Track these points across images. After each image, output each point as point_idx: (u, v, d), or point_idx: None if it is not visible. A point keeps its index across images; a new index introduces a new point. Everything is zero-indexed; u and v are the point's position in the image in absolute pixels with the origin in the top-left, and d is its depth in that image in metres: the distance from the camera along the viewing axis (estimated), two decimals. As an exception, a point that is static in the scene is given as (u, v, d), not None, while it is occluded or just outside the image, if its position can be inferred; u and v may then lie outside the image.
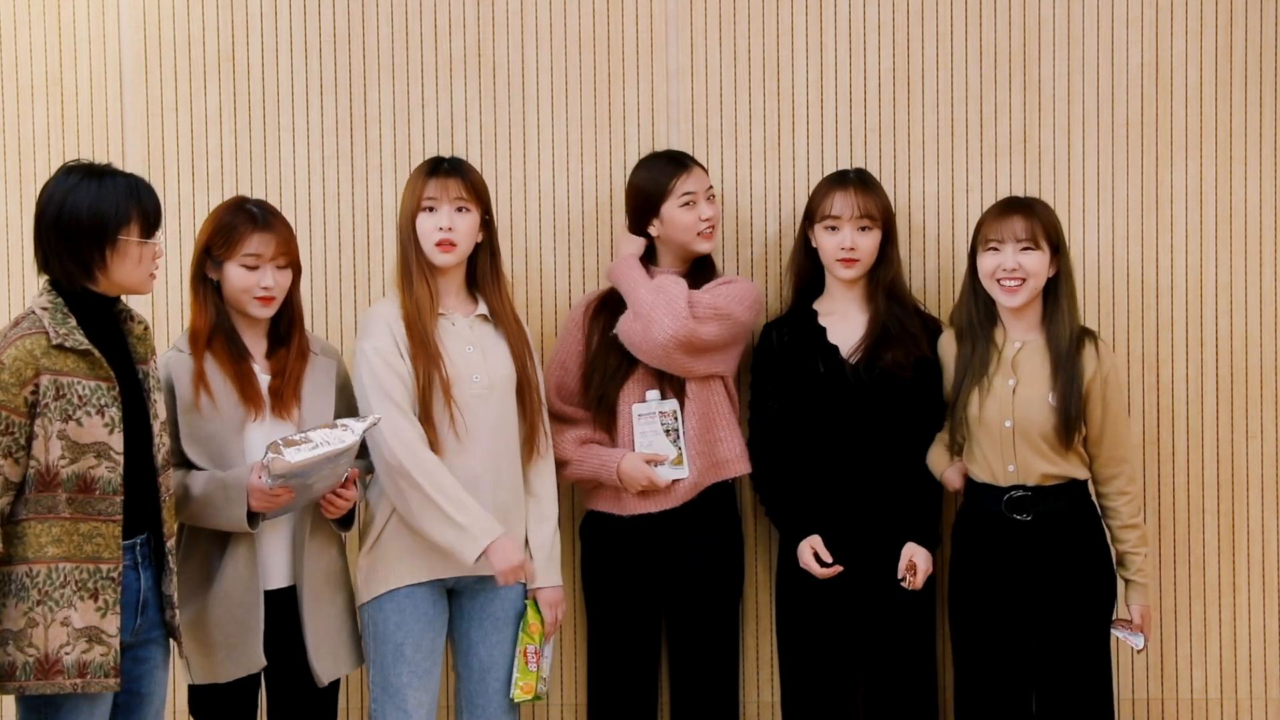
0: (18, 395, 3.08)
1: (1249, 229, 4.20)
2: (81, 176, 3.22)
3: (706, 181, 3.98)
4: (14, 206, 4.20)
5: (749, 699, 4.26)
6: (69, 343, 3.12)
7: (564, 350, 4.02)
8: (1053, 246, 3.78)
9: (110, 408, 3.15)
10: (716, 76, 4.21)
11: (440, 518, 3.57)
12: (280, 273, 3.58)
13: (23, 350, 3.10)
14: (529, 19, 4.20)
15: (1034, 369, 3.78)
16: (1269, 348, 4.21)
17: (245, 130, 4.20)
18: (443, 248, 3.71)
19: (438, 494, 3.57)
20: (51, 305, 3.18)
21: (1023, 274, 3.76)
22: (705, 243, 3.97)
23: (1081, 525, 3.79)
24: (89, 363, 3.15)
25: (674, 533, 3.91)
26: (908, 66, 4.20)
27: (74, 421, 3.11)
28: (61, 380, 3.11)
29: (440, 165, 3.76)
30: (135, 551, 3.24)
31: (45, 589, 3.09)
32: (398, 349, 3.65)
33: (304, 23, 4.20)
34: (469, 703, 3.78)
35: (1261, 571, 4.24)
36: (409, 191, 3.76)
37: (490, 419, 3.70)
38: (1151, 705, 4.26)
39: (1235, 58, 4.19)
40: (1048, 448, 3.75)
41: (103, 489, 3.14)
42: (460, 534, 3.57)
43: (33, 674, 3.09)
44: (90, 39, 4.19)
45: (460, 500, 3.58)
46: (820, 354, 3.94)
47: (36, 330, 3.13)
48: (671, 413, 3.89)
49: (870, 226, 3.92)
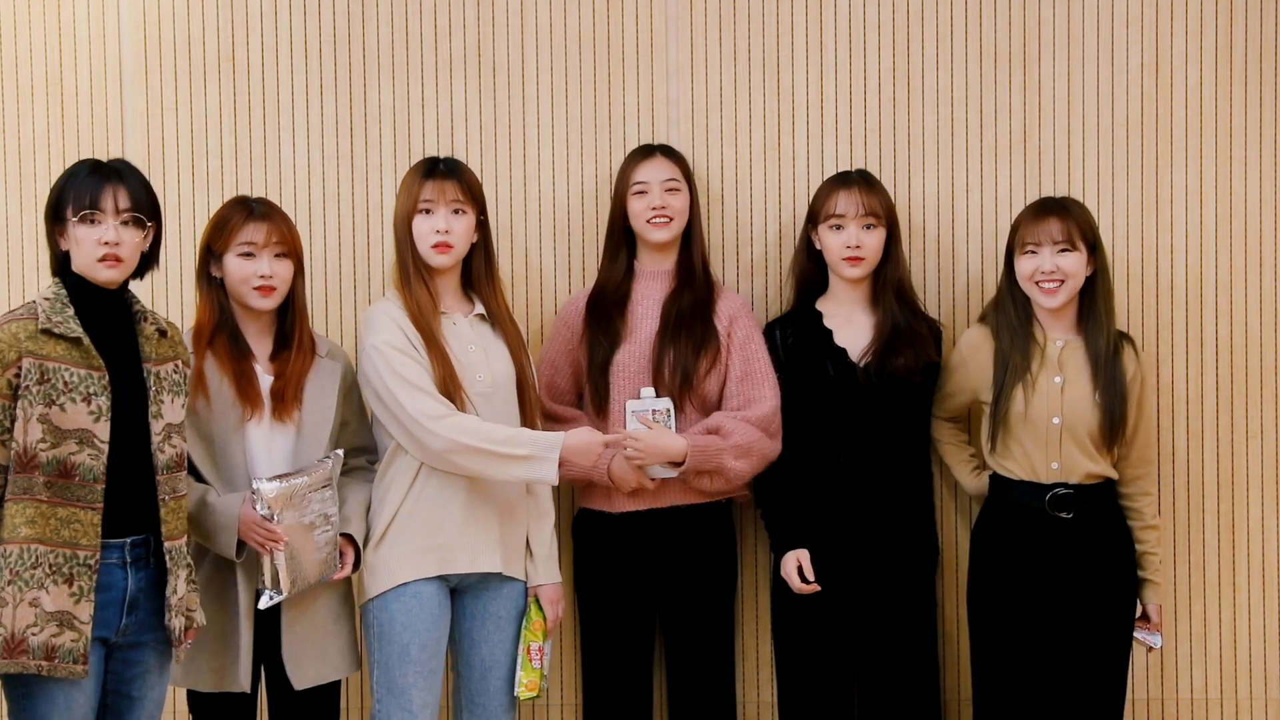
0: (0, 378, 3.10)
1: (1249, 229, 4.20)
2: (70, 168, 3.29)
3: (667, 172, 3.96)
4: (14, 206, 4.20)
5: (748, 699, 4.25)
6: (59, 329, 3.14)
7: (554, 350, 4.02)
8: (1089, 246, 3.80)
9: (99, 396, 3.16)
10: (716, 76, 4.21)
11: (504, 462, 3.58)
12: (278, 261, 3.58)
13: (7, 334, 3.13)
14: (529, 18, 4.20)
15: (1078, 368, 3.80)
16: (1269, 347, 4.21)
17: (245, 130, 4.20)
18: (439, 250, 3.70)
19: (488, 444, 3.57)
20: (54, 295, 3.20)
21: (1061, 275, 3.77)
22: (656, 231, 3.95)
23: (1114, 525, 3.84)
24: (79, 350, 3.16)
25: (665, 531, 3.91)
26: (908, 66, 4.20)
27: (56, 406, 3.12)
28: (47, 365, 3.13)
29: (436, 167, 3.75)
30: (125, 550, 3.23)
31: (16, 569, 3.10)
32: (409, 342, 3.64)
33: (304, 22, 4.20)
34: (470, 701, 3.77)
35: (1262, 571, 4.24)
36: (404, 192, 3.75)
37: (493, 418, 3.70)
38: (1152, 705, 4.25)
39: (1235, 57, 4.19)
40: (1092, 447, 3.78)
41: (83, 475, 3.14)
42: (529, 465, 3.58)
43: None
44: (90, 39, 4.20)
45: (512, 437, 3.59)
46: (829, 357, 3.94)
47: (27, 315, 3.17)
48: (665, 410, 3.88)
49: (875, 225, 3.92)
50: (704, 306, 3.96)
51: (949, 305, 4.19)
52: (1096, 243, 3.83)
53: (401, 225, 3.74)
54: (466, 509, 3.66)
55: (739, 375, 3.94)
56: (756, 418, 3.87)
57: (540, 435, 3.62)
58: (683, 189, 3.98)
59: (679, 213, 3.96)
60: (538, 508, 3.80)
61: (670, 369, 3.90)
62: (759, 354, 3.94)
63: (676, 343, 3.92)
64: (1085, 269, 3.80)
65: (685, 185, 3.98)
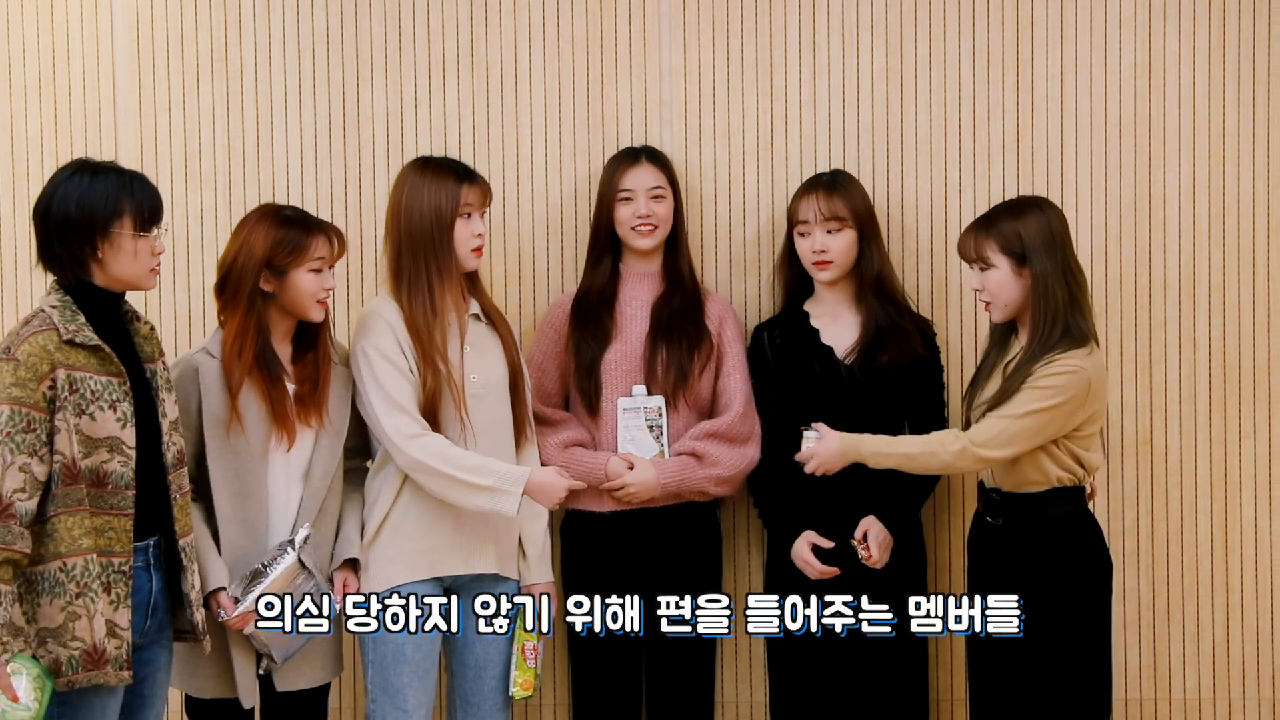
0: (36, 390, 3.08)
1: (1241, 229, 4.20)
2: (74, 171, 3.22)
3: (653, 180, 3.97)
4: (7, 206, 4.21)
5: (740, 699, 4.26)
6: (79, 338, 3.13)
7: (541, 352, 4.02)
8: (1016, 258, 3.61)
9: (122, 403, 3.16)
10: (709, 77, 4.21)
11: (466, 490, 3.57)
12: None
13: (36, 346, 3.10)
14: (521, 18, 4.20)
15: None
16: (1260, 348, 4.21)
17: (238, 129, 4.20)
18: (478, 254, 3.72)
19: (453, 470, 3.57)
20: (60, 303, 3.18)
21: (986, 295, 3.68)
22: (642, 239, 3.96)
23: (1050, 536, 3.62)
24: (99, 358, 3.15)
25: (652, 530, 3.92)
26: (900, 67, 4.20)
27: (87, 416, 3.11)
28: (75, 375, 3.11)
29: (472, 171, 3.74)
30: (148, 553, 3.25)
31: (83, 581, 3.10)
32: (400, 349, 3.64)
33: (296, 22, 4.20)
34: (464, 701, 3.78)
35: (1254, 571, 4.24)
36: (447, 196, 3.66)
37: (488, 418, 3.71)
38: (1145, 705, 4.25)
39: (1227, 57, 4.19)
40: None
41: (115, 483, 3.15)
42: (491, 496, 3.57)
43: (80, 666, 3.10)
44: (84, 39, 4.20)
45: (478, 466, 3.58)
46: (815, 356, 3.96)
47: (47, 327, 3.13)
48: (656, 409, 3.89)
49: (839, 228, 3.92)
50: (695, 308, 3.98)
51: (941, 304, 4.19)
52: (1027, 255, 3.59)
53: (444, 230, 3.66)
54: (460, 510, 3.65)
55: (725, 373, 3.98)
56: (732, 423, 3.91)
57: (506, 469, 3.60)
58: (668, 195, 3.99)
59: (664, 220, 3.97)
60: (530, 507, 3.80)
61: (664, 367, 3.91)
62: (741, 355, 4.00)
63: (670, 342, 3.93)
64: (1014, 284, 3.60)
65: (670, 191, 3.99)
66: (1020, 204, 3.71)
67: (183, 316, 4.20)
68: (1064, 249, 3.62)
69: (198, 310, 4.19)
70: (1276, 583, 4.24)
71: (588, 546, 3.96)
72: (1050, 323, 3.57)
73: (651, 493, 3.86)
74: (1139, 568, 4.22)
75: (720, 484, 3.92)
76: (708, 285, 4.15)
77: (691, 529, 3.96)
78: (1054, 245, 3.60)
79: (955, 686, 4.20)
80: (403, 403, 3.60)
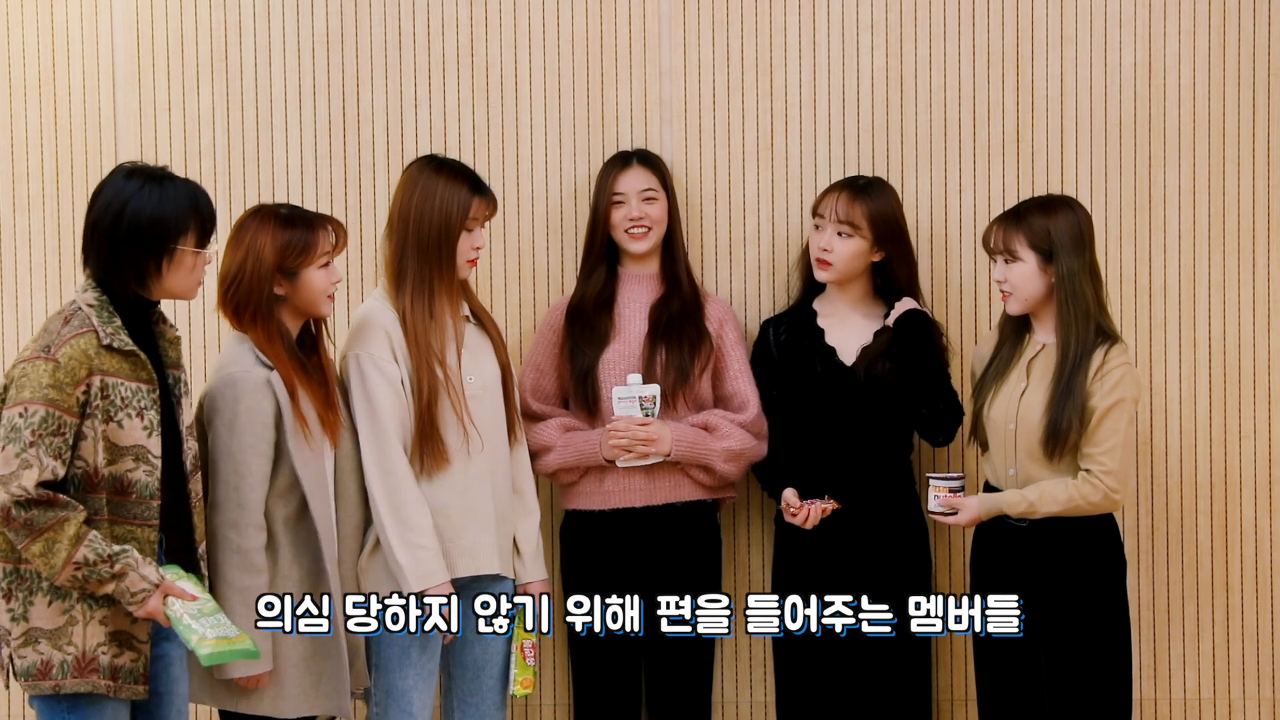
0: (71, 395, 3.04)
1: (1241, 229, 4.20)
2: (143, 182, 3.16)
3: (644, 182, 3.97)
4: (7, 206, 4.21)
5: (741, 699, 4.26)
6: (116, 343, 3.09)
7: (539, 354, 4.02)
8: (1043, 255, 3.67)
9: (150, 410, 3.13)
10: (709, 76, 4.21)
11: (392, 544, 3.57)
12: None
13: (77, 349, 3.06)
14: (521, 19, 4.20)
15: (1045, 373, 3.70)
16: (1261, 348, 4.21)
17: (238, 130, 4.20)
18: (472, 264, 3.73)
19: (393, 519, 3.57)
20: (98, 303, 3.13)
21: (1008, 287, 3.72)
22: (635, 242, 3.97)
23: (1080, 539, 3.68)
24: (132, 364, 3.12)
25: (653, 529, 3.92)
26: (900, 67, 4.20)
27: (114, 423, 3.08)
28: (108, 381, 3.08)
29: (485, 184, 3.72)
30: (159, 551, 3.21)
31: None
32: (394, 359, 3.64)
33: (296, 22, 4.20)
34: (462, 701, 3.78)
35: (1255, 571, 4.24)
36: (458, 206, 3.65)
37: (487, 419, 3.71)
38: (1145, 705, 4.25)
39: (1228, 58, 4.19)
40: (1042, 455, 3.66)
41: (139, 493, 3.12)
42: (400, 568, 3.57)
43: (70, 672, 3.07)
44: (83, 39, 4.20)
45: (415, 530, 3.57)
46: (817, 355, 3.96)
47: (87, 329, 3.09)
48: (651, 398, 3.88)
49: (850, 234, 3.90)
50: (694, 310, 3.98)
51: (941, 304, 4.19)
52: (1054, 250, 3.65)
53: (451, 241, 3.65)
54: (463, 512, 3.66)
55: (732, 376, 3.97)
56: (748, 421, 3.92)
57: (428, 557, 3.58)
58: (660, 197, 3.98)
59: (657, 222, 3.97)
60: (524, 505, 3.82)
61: (663, 367, 3.91)
62: (745, 358, 4.01)
63: (670, 343, 3.93)
64: (1038, 277, 3.66)
65: (663, 193, 3.99)
66: (1051, 201, 3.77)
67: (182, 317, 4.20)
68: (1090, 249, 3.70)
69: (198, 310, 4.18)
70: (1276, 583, 4.24)
71: (587, 546, 3.96)
72: (1083, 322, 3.65)
73: (666, 446, 3.84)
74: (1139, 568, 4.22)
75: (729, 459, 3.89)
76: (707, 285, 4.15)
77: (691, 529, 3.96)
78: (1082, 245, 3.68)
79: (958, 686, 4.20)
80: (385, 424, 3.59)
